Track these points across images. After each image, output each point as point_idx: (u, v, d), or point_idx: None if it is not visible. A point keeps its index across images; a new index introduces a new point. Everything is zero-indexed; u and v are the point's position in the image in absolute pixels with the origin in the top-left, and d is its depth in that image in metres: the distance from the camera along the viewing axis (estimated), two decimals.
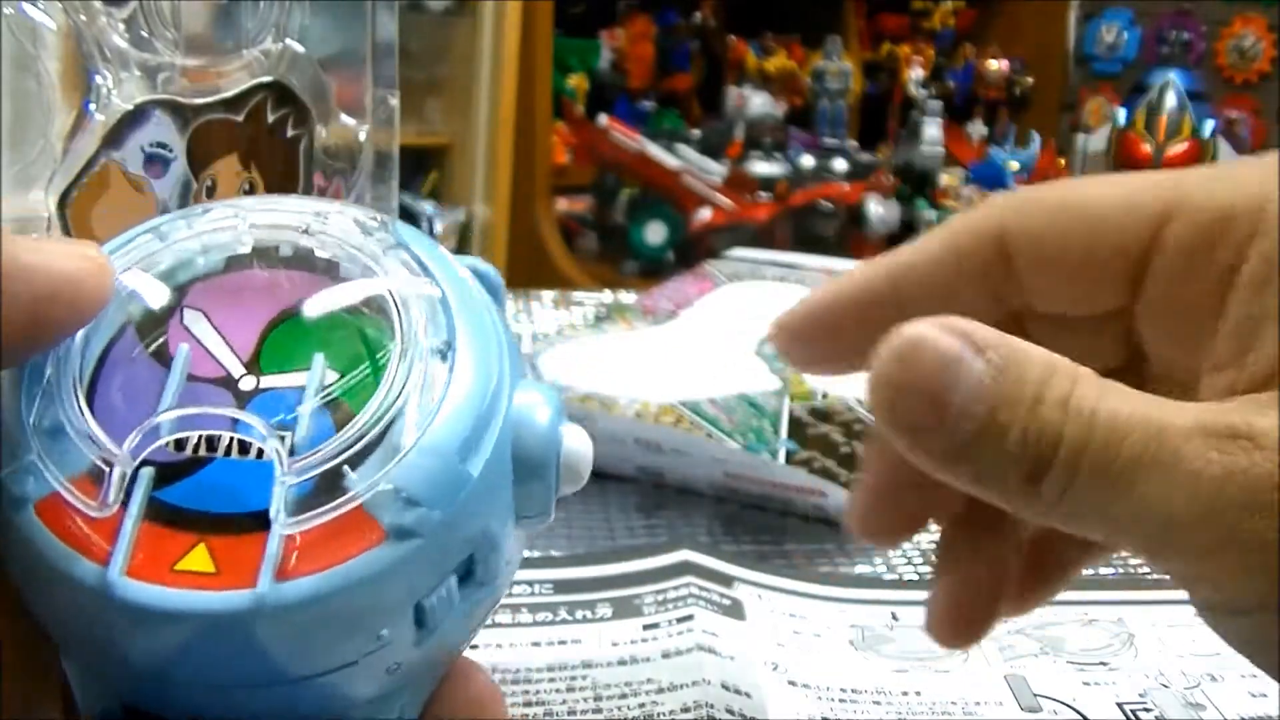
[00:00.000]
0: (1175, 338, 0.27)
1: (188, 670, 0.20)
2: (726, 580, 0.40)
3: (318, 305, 0.22)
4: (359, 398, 0.21)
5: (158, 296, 0.22)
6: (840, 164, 1.81)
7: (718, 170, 1.69)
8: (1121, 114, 1.87)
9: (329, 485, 0.20)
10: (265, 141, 0.36)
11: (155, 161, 0.34)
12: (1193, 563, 0.23)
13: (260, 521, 0.20)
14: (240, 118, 0.35)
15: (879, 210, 1.67)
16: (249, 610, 0.19)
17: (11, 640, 0.22)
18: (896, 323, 0.27)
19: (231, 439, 0.21)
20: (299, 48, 0.36)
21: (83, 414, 0.21)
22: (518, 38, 1.86)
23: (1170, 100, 1.82)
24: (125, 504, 0.20)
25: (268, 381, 0.22)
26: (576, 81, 2.04)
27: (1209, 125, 1.81)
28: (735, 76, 2.15)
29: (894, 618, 0.39)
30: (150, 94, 0.33)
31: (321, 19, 0.37)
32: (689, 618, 0.37)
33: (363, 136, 0.39)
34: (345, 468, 0.20)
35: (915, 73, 2.25)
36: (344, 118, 0.39)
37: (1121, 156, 1.86)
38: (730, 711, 0.33)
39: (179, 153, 0.35)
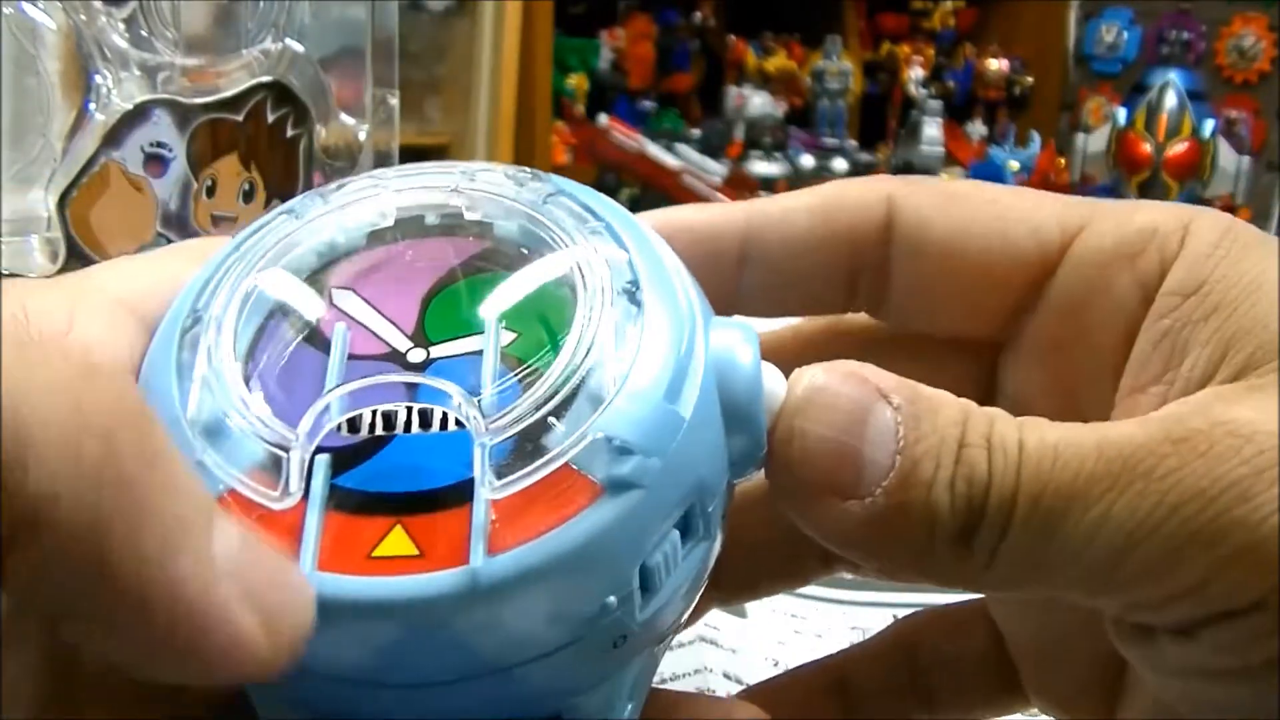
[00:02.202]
0: (1056, 370, 0.24)
1: (388, 668, 0.17)
2: None
3: (478, 268, 0.21)
4: (542, 353, 0.19)
5: (302, 281, 0.21)
6: (840, 164, 1.81)
7: (718, 170, 1.68)
8: (1121, 114, 1.87)
9: (529, 446, 0.18)
10: (265, 141, 0.36)
11: (155, 161, 0.34)
12: (1152, 583, 0.20)
13: (458, 495, 0.18)
14: (240, 117, 0.35)
15: None
16: (464, 590, 0.17)
17: None
18: (736, 275, 0.24)
19: (410, 412, 0.19)
20: (299, 47, 0.36)
21: (247, 404, 0.18)
22: (518, 38, 1.86)
23: (1170, 100, 1.83)
24: (305, 495, 0.18)
25: (438, 351, 0.20)
26: (576, 81, 2.04)
27: (1209, 125, 1.81)
28: (735, 76, 2.15)
29: (894, 619, 0.39)
30: (150, 94, 0.33)
31: (321, 19, 0.37)
32: None
33: (363, 136, 0.39)
34: (551, 419, 0.18)
35: (915, 72, 2.25)
36: (344, 117, 0.39)
37: (1121, 156, 1.86)
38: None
39: (179, 152, 0.35)
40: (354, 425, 0.19)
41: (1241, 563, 0.19)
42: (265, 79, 0.36)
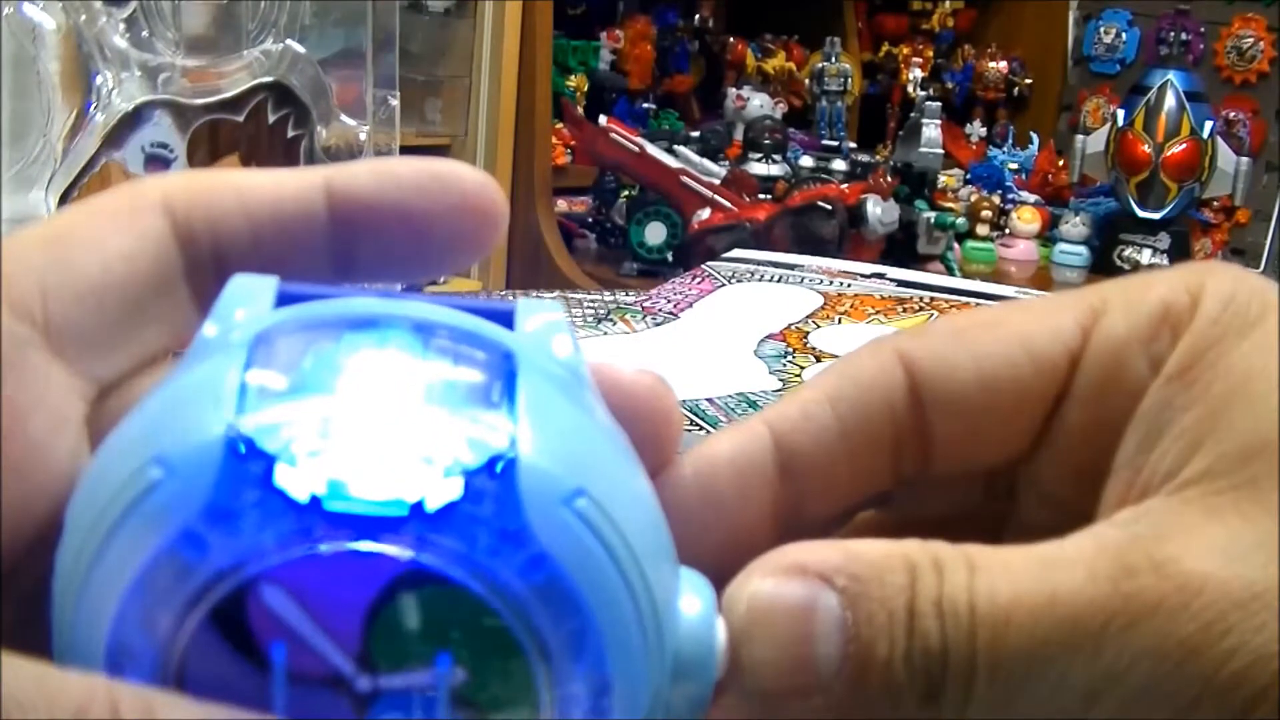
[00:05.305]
0: (1086, 460, 0.24)
1: None
2: None
3: (426, 583, 0.18)
4: (496, 699, 0.19)
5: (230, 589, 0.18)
6: (839, 165, 1.81)
7: (717, 171, 1.69)
8: (1120, 114, 1.87)
9: None
10: (266, 141, 0.36)
11: (156, 162, 0.34)
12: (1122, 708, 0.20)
13: None
14: (241, 118, 0.35)
15: (878, 211, 1.67)
16: None
17: None
18: (776, 497, 0.24)
19: None
20: (299, 48, 0.36)
21: None
22: (518, 38, 1.86)
23: (1169, 100, 1.83)
24: None
25: (386, 683, 0.18)
26: (576, 82, 2.04)
27: (1208, 125, 1.81)
28: (734, 77, 2.15)
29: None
30: (151, 94, 0.33)
31: (321, 19, 0.37)
32: None
33: (363, 136, 0.39)
34: None
35: (914, 74, 2.26)
36: (344, 118, 0.39)
37: (1120, 157, 1.86)
38: None
39: (179, 153, 0.35)
40: None
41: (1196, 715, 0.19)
42: (266, 79, 0.36)
